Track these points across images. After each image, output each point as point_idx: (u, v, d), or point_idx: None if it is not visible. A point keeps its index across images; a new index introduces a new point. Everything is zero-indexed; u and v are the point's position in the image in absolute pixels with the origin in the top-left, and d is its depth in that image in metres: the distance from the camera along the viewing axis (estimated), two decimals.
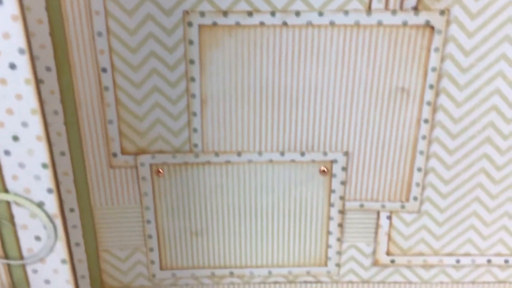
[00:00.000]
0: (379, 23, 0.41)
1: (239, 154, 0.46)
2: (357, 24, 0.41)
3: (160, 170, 0.46)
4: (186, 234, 0.49)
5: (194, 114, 0.44)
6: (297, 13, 0.41)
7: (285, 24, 0.41)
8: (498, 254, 0.50)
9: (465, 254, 0.50)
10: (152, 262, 0.50)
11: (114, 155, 0.46)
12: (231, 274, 0.51)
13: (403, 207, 0.48)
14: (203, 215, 0.49)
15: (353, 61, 0.43)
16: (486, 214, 0.48)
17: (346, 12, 0.41)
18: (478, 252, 0.50)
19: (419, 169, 0.46)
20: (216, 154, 0.46)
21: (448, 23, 0.41)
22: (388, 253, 0.50)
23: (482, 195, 0.47)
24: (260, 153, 0.46)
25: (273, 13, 0.41)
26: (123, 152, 0.46)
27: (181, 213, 0.48)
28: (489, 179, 0.47)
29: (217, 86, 0.43)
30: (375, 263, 0.51)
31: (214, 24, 0.41)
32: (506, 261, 0.50)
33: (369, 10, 0.41)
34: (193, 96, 0.44)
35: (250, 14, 0.41)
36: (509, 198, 0.47)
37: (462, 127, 0.45)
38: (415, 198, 0.48)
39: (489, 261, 0.50)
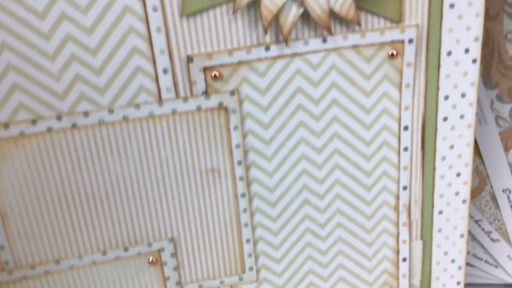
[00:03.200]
0: (174, 112, 0.41)
1: (57, 262, 0.43)
2: (152, 116, 0.40)
3: None
4: None
5: None
6: (86, 114, 0.39)
7: (75, 126, 0.39)
8: None
9: None
10: None
11: None
12: None
13: (241, 279, 0.48)
14: None
15: (156, 151, 0.42)
16: (322, 270, 0.49)
17: (137, 106, 0.40)
18: None
19: (248, 241, 0.46)
20: (32, 267, 0.43)
21: (240, 102, 0.41)
22: None
23: (313, 253, 0.48)
24: (80, 257, 0.44)
25: (59, 118, 0.39)
26: None
27: None
28: (316, 236, 0.48)
29: (15, 199, 0.40)
30: None
31: None
32: None
33: (160, 100, 0.40)
34: None
35: (34, 122, 0.39)
36: (339, 251, 0.49)
37: (279, 195, 0.46)
38: (251, 269, 0.48)
39: None
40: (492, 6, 0.49)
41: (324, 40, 0.40)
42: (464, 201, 0.49)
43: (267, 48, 0.40)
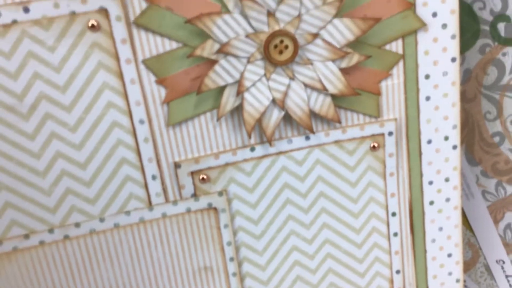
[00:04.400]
0: (164, 215, 0.41)
1: None
2: (142, 221, 0.41)
3: None
4: None
5: None
6: (77, 225, 0.40)
7: (67, 237, 0.40)
8: None
9: None
10: None
11: None
12: None
13: None
14: None
15: (148, 255, 0.42)
16: None
17: (127, 213, 0.41)
18: None
19: None
20: None
21: (229, 201, 0.42)
22: None
23: None
24: None
25: (51, 230, 0.39)
26: None
27: None
28: None
29: None
30: None
31: None
32: None
33: (150, 206, 0.41)
34: None
35: (26, 236, 0.39)
36: None
37: (273, 287, 0.46)
38: None
39: None
40: (469, 90, 0.51)
41: (307, 138, 0.42)
42: (457, 281, 0.49)
43: (252, 149, 0.41)
